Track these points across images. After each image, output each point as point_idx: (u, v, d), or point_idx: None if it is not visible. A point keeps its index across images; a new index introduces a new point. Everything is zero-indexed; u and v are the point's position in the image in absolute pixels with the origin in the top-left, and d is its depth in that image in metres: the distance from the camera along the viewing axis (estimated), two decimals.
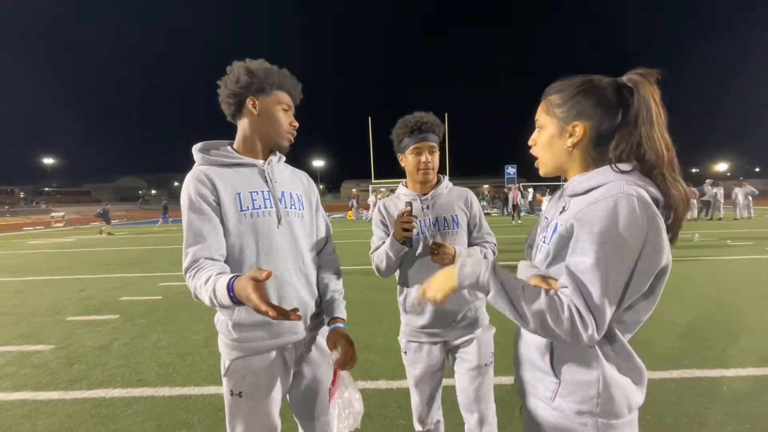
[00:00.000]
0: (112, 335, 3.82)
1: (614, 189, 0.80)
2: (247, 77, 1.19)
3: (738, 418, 2.17)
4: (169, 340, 3.65)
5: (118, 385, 2.77)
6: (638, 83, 0.85)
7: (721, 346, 3.09)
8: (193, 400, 2.53)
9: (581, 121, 0.89)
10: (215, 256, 1.12)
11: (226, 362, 1.22)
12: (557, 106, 0.93)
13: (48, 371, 3.03)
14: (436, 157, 1.52)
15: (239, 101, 1.22)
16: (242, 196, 1.18)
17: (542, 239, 0.97)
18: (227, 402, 1.22)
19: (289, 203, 1.27)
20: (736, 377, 2.62)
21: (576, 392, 0.88)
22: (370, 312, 4.29)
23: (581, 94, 0.89)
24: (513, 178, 28.66)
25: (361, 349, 3.25)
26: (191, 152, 1.25)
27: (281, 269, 1.21)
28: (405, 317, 1.59)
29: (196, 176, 1.17)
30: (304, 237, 1.30)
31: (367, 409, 2.34)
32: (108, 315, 4.50)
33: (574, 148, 0.92)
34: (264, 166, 1.26)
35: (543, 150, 0.98)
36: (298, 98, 1.32)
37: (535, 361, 0.96)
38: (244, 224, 1.17)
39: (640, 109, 0.84)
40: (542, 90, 0.98)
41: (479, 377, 1.50)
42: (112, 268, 7.78)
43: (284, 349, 1.25)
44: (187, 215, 1.13)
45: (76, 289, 5.91)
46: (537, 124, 1.00)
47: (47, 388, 2.74)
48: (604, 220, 0.77)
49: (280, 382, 1.25)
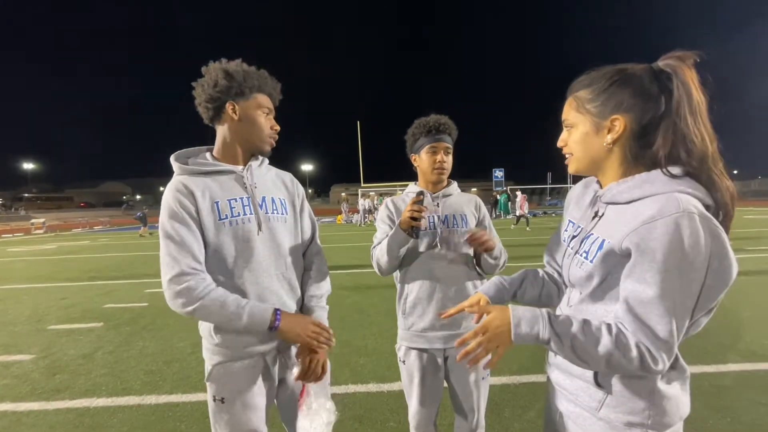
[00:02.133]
0: (95, 343, 3.73)
1: (672, 206, 0.72)
2: (225, 81, 1.16)
3: (719, 411, 2.24)
4: (155, 347, 3.58)
5: (102, 394, 2.71)
6: (676, 68, 0.77)
7: (702, 344, 3.17)
8: (181, 408, 2.49)
9: (620, 114, 0.81)
10: (197, 266, 1.11)
11: (208, 367, 1.21)
12: (588, 101, 0.86)
13: (29, 381, 2.94)
14: (450, 159, 1.53)
15: (218, 106, 1.19)
16: (220, 204, 1.16)
17: (582, 254, 0.89)
18: (210, 408, 1.21)
19: (271, 208, 1.25)
20: (717, 373, 2.71)
21: (626, 404, 0.84)
22: (360, 315, 4.28)
23: (616, 84, 0.82)
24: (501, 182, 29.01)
25: (351, 352, 3.25)
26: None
27: (263, 276, 1.20)
28: (404, 320, 1.54)
29: (175, 186, 1.16)
30: (287, 242, 1.28)
31: (357, 412, 2.34)
32: (91, 323, 4.39)
33: (614, 145, 0.84)
34: (243, 172, 1.23)
35: (577, 148, 0.90)
36: (277, 99, 1.30)
37: (576, 371, 0.90)
38: (223, 233, 1.16)
39: (681, 97, 0.77)
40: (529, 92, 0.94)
41: (476, 389, 1.49)
42: (95, 275, 7.59)
43: (266, 355, 1.22)
44: (169, 224, 1.11)
45: (58, 296, 5.76)
46: (565, 123, 0.92)
47: (28, 399, 2.66)
48: (667, 246, 0.71)
49: (263, 388, 1.23)
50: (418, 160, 1.56)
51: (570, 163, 0.94)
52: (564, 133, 0.94)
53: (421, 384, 1.50)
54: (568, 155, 0.94)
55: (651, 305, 0.73)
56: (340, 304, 4.63)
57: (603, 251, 0.81)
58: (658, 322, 0.74)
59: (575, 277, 0.90)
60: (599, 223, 0.88)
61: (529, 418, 2.25)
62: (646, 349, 0.75)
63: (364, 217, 19.80)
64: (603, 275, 0.83)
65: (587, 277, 0.85)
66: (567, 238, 0.99)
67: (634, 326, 0.76)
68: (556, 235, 1.10)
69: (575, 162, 0.92)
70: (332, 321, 1.33)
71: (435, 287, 1.47)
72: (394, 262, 1.48)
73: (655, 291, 0.73)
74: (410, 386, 1.53)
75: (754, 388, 2.49)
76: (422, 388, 1.50)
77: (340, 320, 3.97)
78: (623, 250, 0.77)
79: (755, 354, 2.98)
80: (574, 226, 0.98)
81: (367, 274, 6.62)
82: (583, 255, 0.88)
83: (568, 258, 0.95)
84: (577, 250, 0.91)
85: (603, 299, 0.86)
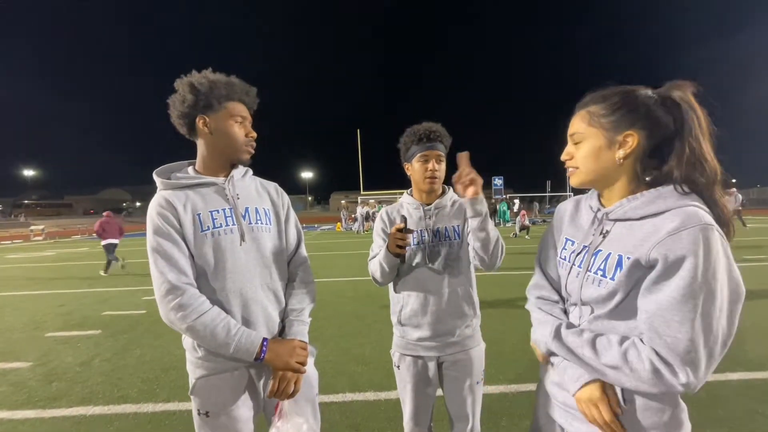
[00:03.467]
0: (93, 351, 3.72)
1: (694, 218, 0.75)
2: (191, 95, 1.16)
3: (717, 421, 2.24)
4: (153, 354, 3.57)
5: (99, 402, 2.70)
6: (683, 95, 0.82)
7: None
8: (178, 416, 2.48)
9: (634, 130, 0.84)
10: (185, 279, 1.12)
11: (192, 381, 1.20)
12: (602, 116, 0.87)
13: (26, 389, 2.93)
14: (443, 166, 1.51)
15: (189, 122, 1.20)
16: (202, 216, 1.17)
17: (596, 272, 0.88)
18: (195, 422, 1.19)
19: (254, 219, 1.25)
20: (716, 382, 2.70)
21: (648, 418, 0.83)
22: (359, 323, 4.27)
23: (630, 103, 0.85)
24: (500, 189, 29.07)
25: (349, 360, 3.25)
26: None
27: (246, 287, 1.20)
28: (399, 329, 1.55)
29: (158, 202, 1.17)
30: (272, 252, 1.27)
31: (354, 421, 2.34)
32: (89, 330, 4.38)
33: (625, 160, 0.86)
34: (225, 183, 1.23)
35: (586, 162, 0.91)
36: (252, 104, 1.27)
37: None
38: (206, 244, 1.16)
39: (693, 121, 0.81)
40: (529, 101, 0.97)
41: (471, 394, 1.49)
42: (93, 282, 7.59)
43: (250, 367, 1.20)
44: (155, 240, 1.12)
45: (56, 303, 5.75)
46: (574, 137, 0.93)
47: (25, 407, 2.65)
48: (693, 255, 0.72)
49: (249, 400, 1.22)
50: (410, 169, 1.55)
51: (574, 176, 0.95)
52: (570, 147, 0.95)
53: (414, 390, 1.51)
54: (572, 168, 0.95)
55: (671, 312, 0.74)
56: (339, 312, 4.61)
57: (628, 266, 0.81)
58: (678, 330, 0.73)
59: (591, 296, 0.89)
60: (608, 239, 0.88)
61: (525, 427, 2.24)
62: (661, 361, 0.75)
63: (362, 224, 19.82)
64: (627, 291, 0.83)
65: (609, 294, 0.85)
66: (569, 256, 0.99)
67: (651, 335, 0.76)
68: (545, 249, 1.11)
69: (581, 175, 0.93)
70: (330, 329, 1.34)
71: (429, 300, 1.48)
72: (388, 278, 1.50)
73: (676, 298, 0.74)
74: (404, 392, 1.54)
75: (752, 398, 2.49)
76: (415, 394, 1.52)
77: (339, 328, 3.94)
78: (650, 262, 0.78)
79: (754, 363, 2.97)
80: (574, 245, 0.98)
81: (366, 281, 6.62)
82: (598, 273, 0.87)
83: (575, 276, 0.95)
84: (588, 268, 0.91)
85: (625, 316, 0.85)
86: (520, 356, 3.17)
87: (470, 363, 1.50)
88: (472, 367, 1.50)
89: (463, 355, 1.50)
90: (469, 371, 1.50)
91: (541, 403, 1.10)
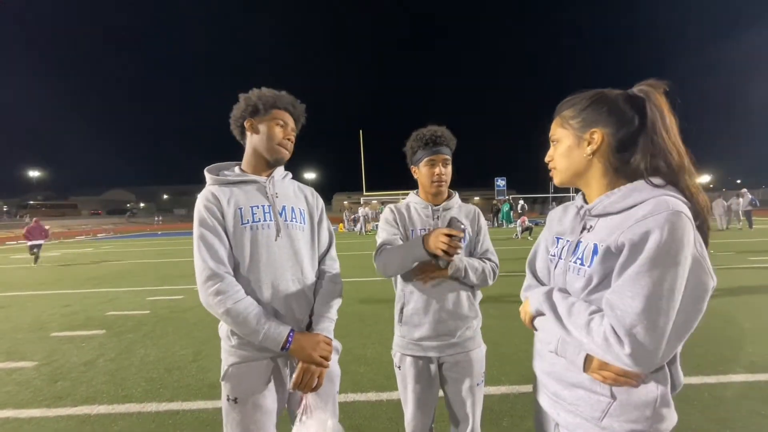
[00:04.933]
0: (97, 351, 3.75)
1: (662, 205, 0.79)
2: (243, 103, 1.34)
3: (719, 423, 2.23)
4: (157, 354, 3.60)
5: (103, 401, 2.72)
6: (648, 93, 0.88)
7: (702, 354, 3.16)
8: (181, 416, 2.50)
9: (598, 128, 0.91)
10: (224, 268, 1.22)
11: (224, 367, 1.26)
12: (571, 118, 0.96)
13: (31, 388, 2.96)
14: (449, 169, 1.55)
15: (240, 125, 1.36)
16: (243, 210, 1.28)
17: (576, 261, 0.94)
18: (224, 408, 1.25)
19: (290, 217, 1.35)
20: (718, 384, 2.69)
21: (631, 412, 0.86)
22: (361, 324, 4.29)
23: (594, 103, 0.92)
24: (503, 190, 29.04)
25: (351, 361, 3.26)
26: (182, 165, 1.34)
27: (278, 279, 1.28)
28: (400, 329, 1.56)
29: (205, 196, 1.29)
30: (304, 249, 1.36)
31: (356, 422, 2.35)
32: (94, 330, 4.42)
33: (593, 156, 0.93)
34: (266, 182, 1.35)
35: (561, 161, 0.99)
36: (297, 114, 1.39)
37: (577, 380, 0.93)
38: (244, 236, 1.26)
39: (655, 117, 0.87)
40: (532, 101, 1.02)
41: (471, 396, 1.50)
42: (98, 282, 7.63)
43: (278, 358, 1.27)
44: (199, 230, 1.24)
45: (61, 304, 5.80)
46: (552, 140, 1.02)
47: (30, 406, 2.68)
48: (655, 240, 0.76)
49: (275, 391, 1.27)
50: (417, 173, 1.59)
51: (555, 176, 1.03)
52: (551, 150, 1.03)
53: (415, 390, 1.52)
54: (553, 169, 1.03)
55: (625, 287, 0.79)
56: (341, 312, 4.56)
57: (600, 254, 0.86)
58: (628, 304, 0.77)
59: (572, 284, 0.94)
60: (589, 233, 0.93)
61: (527, 428, 2.25)
62: (612, 332, 0.78)
63: (364, 225, 19.85)
64: (601, 277, 0.87)
65: (586, 281, 0.90)
66: (557, 252, 1.03)
67: (606, 309, 0.81)
68: (536, 252, 1.15)
69: (559, 174, 1.01)
70: (334, 329, 1.36)
71: (432, 300, 1.49)
72: (401, 271, 1.49)
73: (631, 275, 0.78)
74: (405, 392, 1.55)
75: (754, 399, 2.48)
76: (417, 394, 1.52)
77: (340, 328, 3.87)
78: (618, 248, 0.82)
79: (756, 365, 2.96)
80: (562, 241, 1.03)
81: (369, 282, 6.63)
82: (577, 262, 0.93)
83: (560, 270, 0.99)
84: (571, 260, 0.96)
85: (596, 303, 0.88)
86: (521, 357, 3.18)
87: (470, 365, 1.51)
88: (472, 369, 1.51)
89: (463, 357, 1.51)
90: (469, 373, 1.51)
91: (536, 398, 1.13)
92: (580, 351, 0.90)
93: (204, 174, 1.37)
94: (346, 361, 3.28)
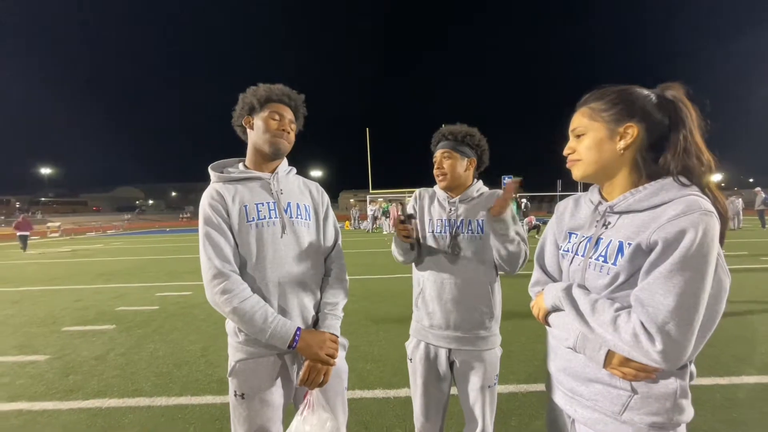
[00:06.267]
0: (108, 345, 3.80)
1: (695, 205, 0.79)
2: (240, 102, 1.36)
3: (731, 424, 2.20)
4: (166, 350, 3.64)
5: (114, 395, 2.76)
6: (677, 94, 0.89)
7: (716, 355, 3.12)
8: (190, 410, 2.53)
9: (634, 122, 0.89)
10: (230, 266, 1.21)
11: (231, 363, 1.27)
12: (603, 110, 0.93)
13: (44, 381, 3.01)
14: (450, 163, 1.55)
15: (240, 124, 1.38)
16: (248, 207, 1.28)
17: (598, 258, 0.93)
18: (231, 403, 1.26)
19: (295, 213, 1.35)
20: (730, 385, 2.65)
21: (652, 404, 0.86)
22: (368, 322, 4.30)
23: (629, 98, 0.90)
24: None
25: (358, 358, 3.27)
26: (190, 163, 1.33)
27: (284, 276, 1.27)
28: (416, 313, 1.61)
29: (210, 193, 1.29)
30: (310, 246, 1.35)
31: (363, 418, 2.36)
32: (104, 325, 4.48)
33: (626, 150, 0.91)
34: (270, 178, 1.35)
35: (589, 153, 0.95)
36: (295, 105, 1.38)
37: (595, 376, 0.93)
38: (250, 234, 1.26)
39: (685, 117, 0.87)
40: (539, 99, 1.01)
41: (481, 397, 1.48)
42: (108, 278, 7.74)
43: (285, 355, 1.28)
44: (205, 228, 1.23)
45: (73, 299, 5.89)
46: (575, 132, 0.98)
47: (43, 399, 2.73)
48: (689, 239, 0.77)
49: (282, 387, 1.28)
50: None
51: (576, 168, 0.99)
52: (572, 142, 1.00)
53: (425, 383, 1.54)
54: (574, 161, 0.99)
55: (656, 285, 0.78)
56: (349, 310, 4.60)
57: (629, 251, 0.85)
58: (660, 302, 0.78)
59: (593, 282, 0.93)
60: (609, 229, 0.92)
61: (535, 427, 2.24)
62: (642, 328, 0.78)
63: (372, 222, 19.87)
64: (628, 275, 0.86)
65: (611, 279, 0.88)
66: (571, 248, 1.01)
67: (636, 306, 0.81)
68: (544, 247, 1.14)
69: (583, 167, 0.97)
70: (341, 326, 1.36)
71: (445, 288, 1.50)
72: (405, 258, 1.59)
73: (663, 273, 0.78)
74: (415, 385, 1.57)
75: (767, 401, 2.44)
76: (426, 387, 1.54)
77: (348, 325, 3.93)
78: (650, 245, 0.82)
79: None
80: (577, 237, 1.01)
81: (376, 280, 6.64)
82: (600, 259, 0.92)
83: (577, 266, 0.98)
84: (590, 256, 0.94)
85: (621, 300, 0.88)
86: (530, 356, 3.16)
87: (482, 365, 1.49)
88: (484, 370, 1.49)
89: (475, 356, 1.49)
90: (480, 373, 1.48)
91: (549, 395, 1.11)
92: (601, 347, 0.89)
93: (208, 171, 1.37)
94: (353, 358, 3.28)
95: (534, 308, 1.08)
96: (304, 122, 1.46)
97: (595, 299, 0.89)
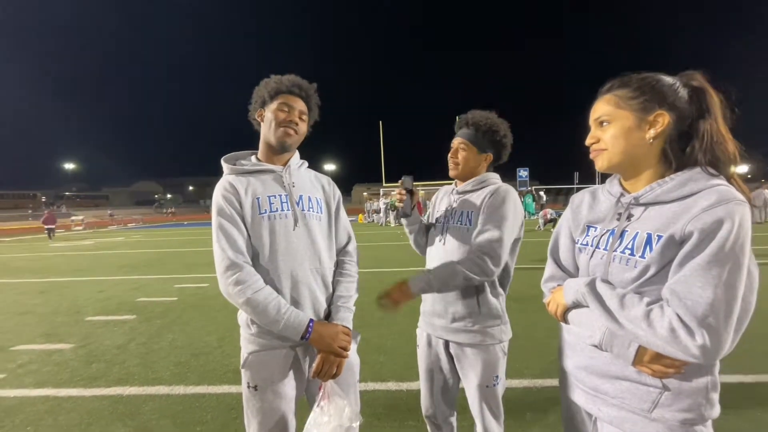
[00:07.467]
0: (129, 335, 3.92)
1: (729, 195, 0.77)
2: (255, 96, 1.37)
3: (754, 423, 2.13)
4: (184, 340, 3.73)
5: (135, 383, 2.85)
6: (702, 83, 0.87)
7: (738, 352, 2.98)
8: (207, 399, 2.59)
9: (665, 110, 0.86)
10: (243, 258, 1.22)
11: (244, 355, 1.28)
12: (630, 98, 0.89)
13: (68, 369, 3.13)
14: (465, 155, 1.52)
15: (254, 117, 1.39)
16: (261, 200, 1.28)
17: (624, 251, 0.89)
18: (244, 395, 1.28)
19: (307, 206, 1.34)
20: (755, 383, 2.56)
21: (683, 401, 0.84)
22: (381, 314, 4.30)
23: (657, 86, 0.87)
24: (525, 181, 28.37)
25: (371, 350, 3.28)
26: (208, 158, 1.33)
27: (297, 269, 1.28)
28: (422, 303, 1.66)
29: (223, 185, 1.29)
30: (321, 238, 1.35)
31: (376, 411, 2.37)
32: (125, 315, 4.62)
33: (655, 140, 0.87)
34: (282, 171, 1.35)
35: (616, 142, 0.90)
36: (306, 96, 1.36)
37: (622, 373, 0.90)
38: (262, 226, 1.26)
39: (714, 106, 0.85)
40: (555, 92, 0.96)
41: (479, 395, 1.46)
42: (129, 270, 7.97)
43: (297, 347, 1.28)
44: (218, 220, 1.24)
45: (96, 290, 6.09)
46: (599, 120, 0.93)
47: (68, 385, 2.84)
48: (727, 228, 0.75)
49: (294, 379, 1.29)
50: None
51: (601, 159, 0.94)
52: (596, 131, 0.95)
53: (427, 370, 1.58)
54: (599, 151, 0.94)
55: (694, 277, 0.76)
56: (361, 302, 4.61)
57: (661, 243, 0.82)
58: (699, 294, 0.74)
59: (619, 276, 0.89)
60: (634, 221, 0.89)
61: (550, 421, 2.21)
62: (680, 322, 0.75)
63: (385, 216, 19.85)
64: (659, 268, 0.83)
65: (640, 272, 0.85)
66: (591, 241, 0.98)
67: (672, 299, 0.78)
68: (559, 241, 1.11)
69: (609, 156, 0.92)
70: (353, 319, 1.36)
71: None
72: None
73: (701, 264, 0.75)
74: (420, 372, 1.62)
75: None
76: (428, 374, 1.58)
77: (360, 318, 3.90)
78: (684, 236, 0.79)
79: None
80: (597, 230, 0.97)
81: (389, 273, 6.65)
82: (626, 252, 0.88)
83: (600, 258, 0.94)
84: (614, 249, 0.91)
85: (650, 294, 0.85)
86: (544, 351, 3.11)
87: (478, 363, 1.45)
88: (480, 369, 1.45)
89: (468, 351, 1.46)
90: (477, 371, 1.45)
91: (566, 394, 1.09)
92: (630, 344, 0.86)
93: (221, 163, 1.38)
94: (366, 351, 3.30)
95: (551, 305, 1.04)
96: (319, 112, 1.44)
97: (623, 294, 0.85)
